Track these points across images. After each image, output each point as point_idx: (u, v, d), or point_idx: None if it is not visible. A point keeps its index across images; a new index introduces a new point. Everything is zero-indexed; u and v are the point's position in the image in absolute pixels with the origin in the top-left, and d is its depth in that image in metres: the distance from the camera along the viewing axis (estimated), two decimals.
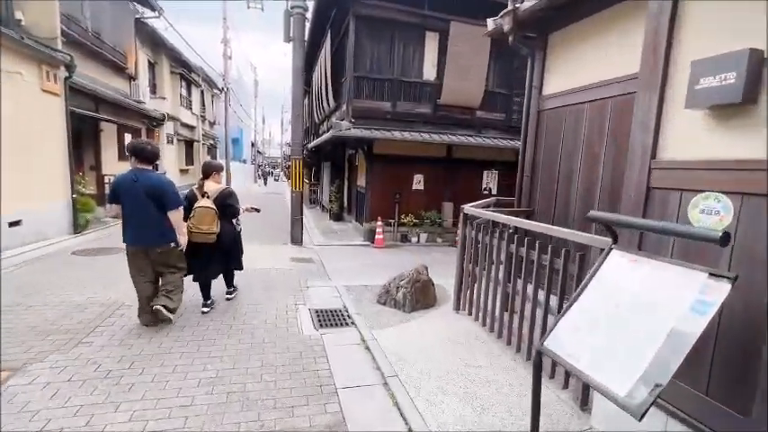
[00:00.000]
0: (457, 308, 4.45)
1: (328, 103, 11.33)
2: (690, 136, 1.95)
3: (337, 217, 12.74)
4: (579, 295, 2.10)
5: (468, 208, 4.24)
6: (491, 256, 3.84)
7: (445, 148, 10.04)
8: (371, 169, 9.56)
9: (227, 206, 4.07)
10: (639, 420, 1.47)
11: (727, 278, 1.58)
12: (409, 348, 3.57)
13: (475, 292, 4.11)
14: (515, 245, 3.38)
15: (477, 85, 9.45)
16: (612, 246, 2.11)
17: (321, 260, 7.25)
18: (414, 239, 9.82)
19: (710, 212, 1.86)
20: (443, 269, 7.09)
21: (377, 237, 9.04)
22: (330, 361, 3.34)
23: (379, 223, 9.08)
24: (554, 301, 2.97)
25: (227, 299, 4.68)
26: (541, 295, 3.11)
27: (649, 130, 2.13)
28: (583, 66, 3.59)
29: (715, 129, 1.83)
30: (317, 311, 4.47)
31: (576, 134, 3.73)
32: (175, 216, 3.59)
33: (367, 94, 9.11)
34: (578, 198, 3.70)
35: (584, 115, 3.63)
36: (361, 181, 10.19)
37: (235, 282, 4.85)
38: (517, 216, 4.17)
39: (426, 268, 4.96)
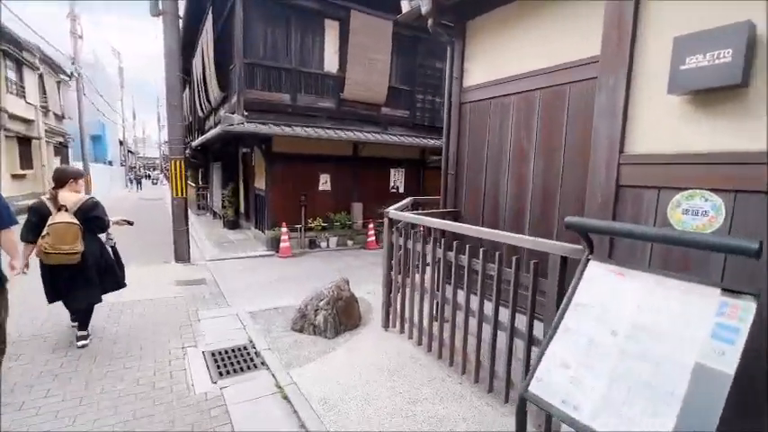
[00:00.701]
0: (386, 325, 3.93)
1: (214, 94, 9.79)
2: (667, 125, 1.70)
3: (233, 224, 11.22)
4: (560, 320, 1.71)
5: (393, 212, 3.74)
6: (424, 266, 3.39)
7: (351, 146, 9.49)
8: (271, 169, 8.50)
9: (92, 220, 3.42)
10: None
11: (751, 295, 1.31)
12: (339, 389, 2.90)
13: (407, 306, 3.63)
14: (454, 252, 2.98)
15: (381, 80, 9.10)
16: (589, 257, 1.78)
17: (216, 279, 6.04)
18: (323, 244, 9.07)
19: (697, 213, 1.62)
20: (360, 276, 6.55)
21: (282, 245, 8.06)
22: (236, 429, 2.49)
23: (284, 229, 8.11)
24: (505, 314, 2.63)
25: (79, 346, 3.42)
26: (489, 309, 2.76)
27: (616, 120, 1.86)
28: (510, 54, 3.36)
29: (699, 116, 1.60)
30: (213, 354, 3.48)
31: (503, 129, 3.51)
32: (6, 237, 2.64)
33: (261, 84, 8.01)
34: (509, 197, 3.49)
35: (511, 109, 3.42)
36: (260, 183, 9.03)
37: (92, 323, 3.57)
38: (443, 218, 3.82)
39: (347, 282, 4.32)
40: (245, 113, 7.68)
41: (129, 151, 41.97)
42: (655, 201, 1.75)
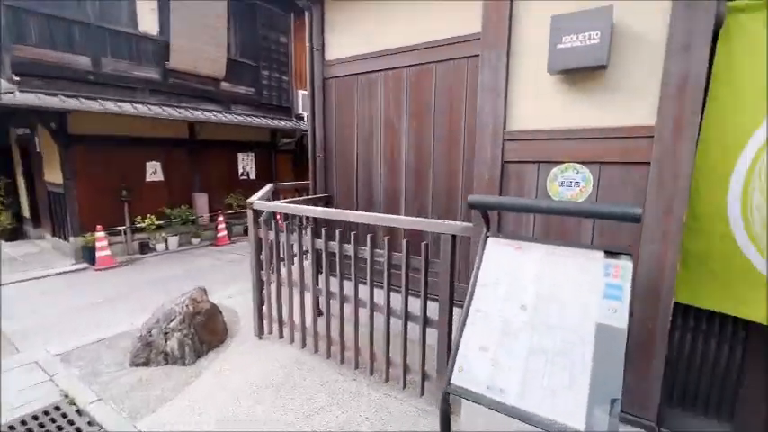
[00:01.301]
0: (261, 332, 3.42)
1: None
2: (545, 103, 1.80)
3: (12, 234, 8.20)
4: (470, 303, 1.66)
5: (258, 202, 3.20)
6: (302, 259, 3.02)
7: (187, 127, 8.02)
8: (70, 157, 6.43)
9: None
10: None
11: (627, 254, 1.48)
12: (216, 425, 2.34)
13: (284, 307, 3.21)
14: (338, 242, 2.71)
15: (217, 51, 7.86)
16: (488, 234, 1.78)
17: None
18: (160, 246, 7.51)
19: (570, 184, 1.78)
20: (216, 278, 5.64)
21: (99, 254, 6.28)
22: None
23: (101, 234, 6.32)
24: (398, 300, 2.53)
25: None
26: (380, 297, 2.62)
27: (499, 98, 1.89)
28: (378, 28, 3.18)
29: (573, 94, 1.73)
30: None
31: (373, 107, 3.36)
32: None
33: (40, 38, 5.84)
34: (383, 179, 3.40)
35: (380, 85, 3.29)
36: (54, 175, 6.77)
37: None
38: (315, 204, 3.52)
39: (204, 291, 3.57)
40: (16, 79, 5.50)
41: None
42: (535, 175, 1.86)
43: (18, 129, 7.60)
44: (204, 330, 3.24)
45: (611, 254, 1.51)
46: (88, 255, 6.40)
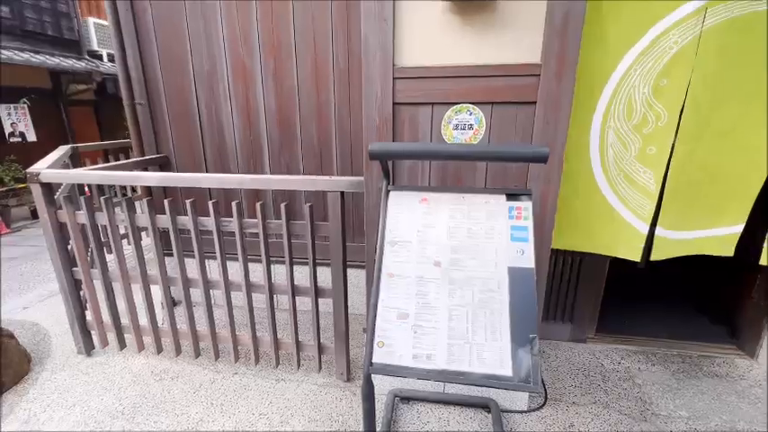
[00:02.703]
0: (88, 348, 2.55)
1: None
2: (435, 34, 1.60)
3: None
4: (380, 268, 1.47)
5: (49, 171, 2.19)
6: (138, 240, 2.27)
7: None
8: None
9: None
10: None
11: (526, 195, 1.49)
12: None
13: (123, 306, 2.43)
14: (190, 215, 2.09)
15: None
16: (389, 187, 1.57)
17: None
18: None
19: (464, 127, 1.69)
20: None
21: None
22: None
23: None
24: (280, 273, 2.16)
25: None
26: (256, 274, 2.19)
27: (386, 26, 1.60)
28: None
29: (464, 27, 1.57)
30: None
31: (212, 42, 2.61)
32: None
33: None
34: (237, 134, 2.77)
35: (220, 16, 2.55)
36: None
37: None
38: (145, 169, 2.71)
39: None
40: None
41: None
42: (429, 118, 1.70)
43: None
44: None
45: (512, 196, 1.50)
46: None
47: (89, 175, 2.26)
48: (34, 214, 6.90)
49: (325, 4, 2.42)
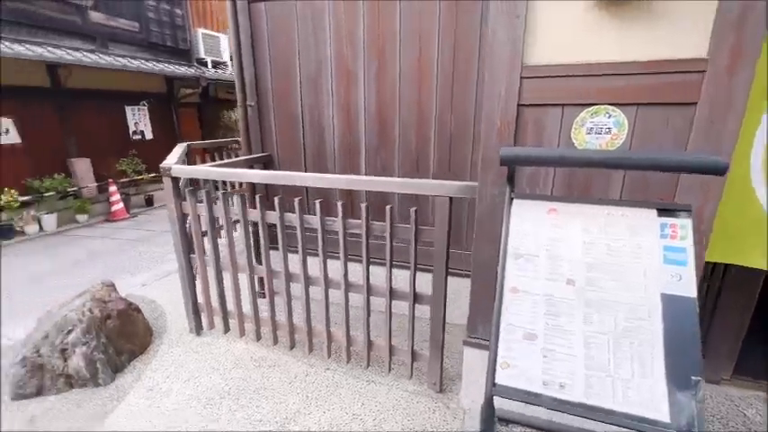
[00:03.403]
0: (198, 329, 2.79)
1: None
2: (576, 30, 1.45)
3: None
4: (503, 283, 1.36)
5: (177, 167, 2.44)
6: (247, 234, 2.42)
7: (45, 71, 6.15)
8: None
9: None
10: None
11: (685, 211, 1.28)
12: None
13: (230, 294, 2.62)
14: (298, 213, 2.17)
15: None
16: (513, 195, 1.45)
17: None
18: (31, 229, 5.93)
19: (600, 131, 1.51)
20: (120, 264, 4.60)
21: None
22: None
23: None
24: (380, 275, 2.15)
25: None
26: (355, 274, 2.21)
27: (518, 22, 1.48)
28: None
29: (609, 20, 1.40)
30: None
31: (319, 46, 2.71)
32: None
33: None
34: (336, 135, 2.84)
35: (328, 17, 2.63)
36: None
37: None
38: (251, 166, 2.88)
39: (113, 286, 2.76)
40: None
41: None
42: (558, 120, 1.55)
43: None
44: (121, 337, 2.51)
45: (664, 211, 1.29)
46: None
47: (211, 171, 2.46)
48: (148, 202, 7.89)
49: (433, 4, 2.37)
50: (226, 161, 2.86)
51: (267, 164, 3.06)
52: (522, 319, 1.30)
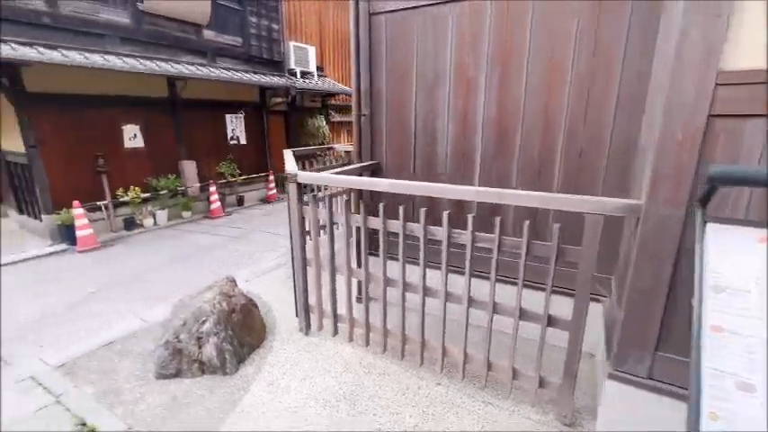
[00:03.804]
0: (307, 328, 2.90)
1: None
2: None
3: None
4: (700, 318, 1.18)
5: (304, 174, 2.56)
6: (358, 243, 2.46)
7: (166, 84, 6.95)
8: (34, 120, 5.39)
9: None
10: None
11: None
12: None
13: (342, 298, 2.68)
14: (420, 223, 2.15)
15: None
16: (707, 219, 1.27)
17: None
18: (148, 222, 6.71)
19: None
20: (222, 259, 5.00)
21: (80, 234, 5.46)
22: None
23: (79, 210, 5.47)
24: (508, 293, 2.04)
25: None
26: (476, 289, 2.12)
27: (720, 23, 1.30)
28: None
29: None
30: None
31: (438, 54, 2.69)
32: None
33: None
34: (449, 144, 2.80)
35: (451, 23, 2.60)
36: (13, 143, 5.72)
37: None
38: (360, 174, 2.92)
39: (234, 282, 2.98)
40: None
41: None
42: (762, 135, 1.33)
43: None
44: (243, 330, 2.68)
45: None
46: (67, 234, 5.57)
47: (332, 178, 2.55)
48: (239, 202, 8.55)
49: (572, 4, 2.22)
50: (344, 168, 2.95)
51: (375, 171, 3.11)
52: (732, 364, 1.12)
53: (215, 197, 7.46)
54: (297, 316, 2.97)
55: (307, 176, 2.55)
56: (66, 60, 4.96)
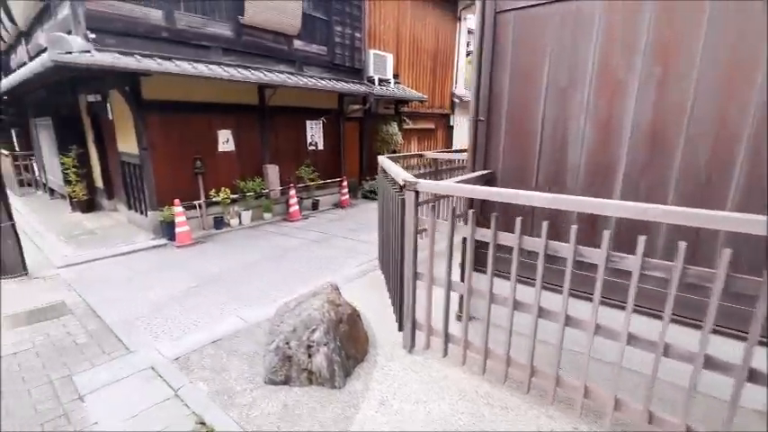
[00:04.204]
0: (411, 345, 2.73)
1: (20, 7, 6.26)
2: None
3: (88, 206, 8.04)
4: None
5: (424, 182, 2.40)
6: (489, 263, 2.22)
7: (256, 92, 7.31)
8: (147, 124, 5.91)
9: None
10: None
11: None
12: None
13: (462, 317, 2.47)
14: (567, 240, 1.87)
15: (292, 1, 6.96)
16: None
17: (87, 301, 3.84)
18: (234, 222, 7.07)
19: None
20: (303, 261, 5.05)
21: (179, 230, 5.87)
22: None
23: (179, 209, 5.88)
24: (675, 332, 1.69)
25: None
26: (613, 319, 1.79)
27: None
28: None
29: None
30: None
31: (578, 52, 2.41)
32: None
33: None
34: (584, 152, 2.48)
35: (597, 20, 2.31)
36: (129, 145, 6.32)
37: None
38: (475, 183, 2.68)
39: (338, 290, 2.90)
40: (91, 36, 4.90)
41: None
42: None
43: (89, 94, 7.16)
44: (349, 342, 2.58)
45: None
46: (167, 230, 6.01)
47: (455, 187, 2.36)
48: (314, 206, 8.75)
49: None
50: (462, 177, 2.76)
51: (490, 181, 2.87)
52: None
53: (294, 200, 7.68)
54: (400, 330, 2.81)
55: (428, 185, 2.39)
56: (178, 70, 5.37)
